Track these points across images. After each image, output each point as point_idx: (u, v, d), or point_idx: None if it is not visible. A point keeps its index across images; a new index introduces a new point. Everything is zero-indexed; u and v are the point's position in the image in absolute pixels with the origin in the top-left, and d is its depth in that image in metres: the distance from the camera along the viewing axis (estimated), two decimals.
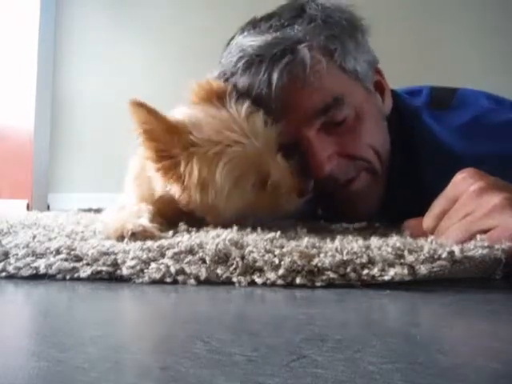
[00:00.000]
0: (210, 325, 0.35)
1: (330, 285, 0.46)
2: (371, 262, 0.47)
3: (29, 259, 0.52)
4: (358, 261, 0.47)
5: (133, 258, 0.50)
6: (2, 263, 0.52)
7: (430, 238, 0.52)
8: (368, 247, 0.50)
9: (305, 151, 0.75)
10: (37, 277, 0.51)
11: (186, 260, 0.50)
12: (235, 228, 0.61)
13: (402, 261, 0.47)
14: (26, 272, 0.51)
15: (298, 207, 0.74)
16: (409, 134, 0.83)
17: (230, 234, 0.56)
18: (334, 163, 0.76)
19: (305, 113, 0.74)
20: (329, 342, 0.30)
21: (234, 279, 0.48)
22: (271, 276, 0.47)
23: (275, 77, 0.72)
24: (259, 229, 0.62)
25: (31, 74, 2.03)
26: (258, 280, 0.47)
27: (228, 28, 0.85)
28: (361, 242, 0.53)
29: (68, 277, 0.50)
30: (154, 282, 0.48)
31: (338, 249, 0.49)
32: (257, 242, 0.53)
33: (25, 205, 1.94)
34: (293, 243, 0.52)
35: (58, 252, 0.53)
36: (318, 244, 0.52)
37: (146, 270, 0.49)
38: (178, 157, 0.67)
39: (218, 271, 0.49)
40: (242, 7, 0.89)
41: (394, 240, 0.52)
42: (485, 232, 0.49)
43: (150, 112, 0.65)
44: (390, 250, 0.48)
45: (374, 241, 0.53)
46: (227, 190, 0.67)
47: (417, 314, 0.41)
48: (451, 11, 2.52)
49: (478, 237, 0.49)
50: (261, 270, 0.48)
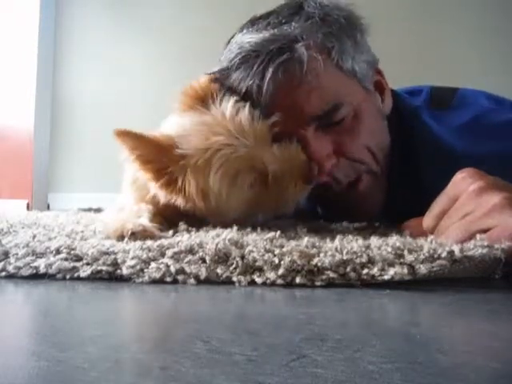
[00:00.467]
0: (210, 324, 0.35)
1: (329, 284, 0.46)
2: (371, 261, 0.47)
3: (29, 259, 0.52)
4: (357, 260, 0.47)
5: (133, 258, 0.51)
6: (2, 263, 0.52)
7: (430, 237, 0.52)
8: (368, 247, 0.50)
9: (303, 150, 0.74)
10: (37, 276, 0.51)
11: (185, 259, 0.50)
12: (235, 228, 0.61)
13: (401, 260, 0.47)
14: (25, 272, 0.51)
15: (307, 194, 0.73)
16: (409, 133, 0.83)
17: (229, 233, 0.56)
18: (334, 161, 0.76)
19: (302, 115, 0.74)
20: (329, 342, 0.30)
21: (234, 279, 0.48)
22: (271, 276, 0.47)
23: (270, 71, 0.72)
24: (259, 229, 0.62)
25: (31, 74, 2.03)
26: (258, 280, 0.47)
27: (228, 28, 0.85)
28: (361, 241, 0.53)
29: (68, 276, 0.50)
30: (153, 282, 0.48)
31: (337, 248, 0.49)
32: (257, 242, 0.53)
33: (25, 205, 1.94)
34: (293, 243, 0.52)
35: (57, 252, 0.53)
36: (317, 244, 0.52)
37: (145, 270, 0.49)
38: (173, 173, 0.67)
39: (218, 271, 0.49)
40: (242, 7, 0.89)
41: (394, 240, 0.52)
42: (484, 231, 0.49)
43: (137, 137, 0.66)
44: (389, 249, 0.48)
45: (374, 240, 0.53)
46: (225, 194, 0.67)
47: (417, 313, 0.41)
48: (451, 11, 2.52)
49: (478, 236, 0.49)
50: (261, 270, 0.48)
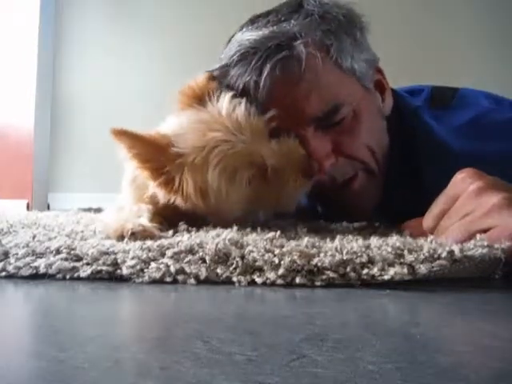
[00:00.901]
0: (210, 324, 0.35)
1: (329, 284, 0.46)
2: (371, 261, 0.47)
3: (29, 259, 0.52)
4: (357, 260, 0.47)
5: (133, 258, 0.51)
6: (2, 263, 0.52)
7: (430, 237, 0.52)
8: (368, 247, 0.50)
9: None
10: (37, 276, 0.51)
11: (185, 259, 0.50)
12: (235, 228, 0.61)
13: (401, 260, 0.47)
14: (25, 272, 0.51)
15: (308, 188, 0.73)
16: (409, 133, 0.83)
17: (229, 233, 0.56)
18: (332, 161, 0.76)
19: (302, 116, 0.74)
20: (329, 342, 0.30)
21: (234, 279, 0.48)
22: (271, 276, 0.47)
23: (267, 67, 0.72)
24: (259, 229, 0.62)
25: (31, 74, 2.03)
26: (258, 280, 0.47)
27: (230, 25, 0.85)
28: (361, 241, 0.53)
29: (68, 276, 0.50)
30: (153, 282, 0.48)
31: (337, 248, 0.49)
32: (257, 242, 0.53)
33: (25, 205, 1.94)
34: (293, 243, 0.52)
35: (57, 252, 0.53)
36: (317, 244, 0.52)
37: (145, 270, 0.49)
38: (170, 172, 0.67)
39: (218, 271, 0.49)
40: (243, 5, 0.89)
41: (394, 240, 0.52)
42: (484, 232, 0.49)
43: (133, 136, 0.66)
44: (389, 249, 0.48)
45: (374, 240, 0.53)
46: (225, 191, 0.67)
47: (416, 313, 0.41)
48: (451, 11, 2.52)
49: (478, 236, 0.49)
50: (261, 270, 0.48)
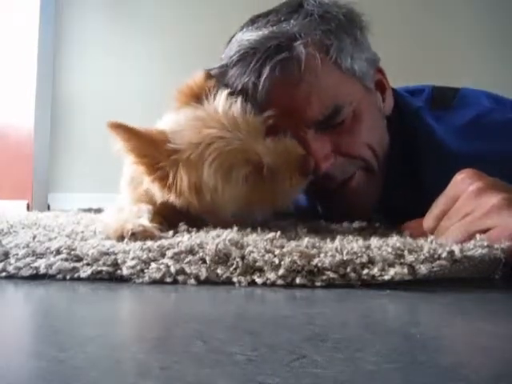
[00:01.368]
0: (210, 324, 0.35)
1: (329, 285, 0.46)
2: (371, 261, 0.47)
3: (29, 259, 0.52)
4: (357, 261, 0.47)
5: (133, 258, 0.51)
6: (2, 263, 0.52)
7: (430, 237, 0.52)
8: (368, 247, 0.50)
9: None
10: (37, 277, 0.51)
11: (186, 260, 0.50)
12: (235, 228, 0.61)
13: (401, 260, 0.47)
14: (26, 272, 0.51)
15: (305, 191, 0.73)
16: (410, 133, 0.83)
17: (230, 234, 0.56)
18: (331, 161, 0.75)
19: (301, 118, 0.74)
20: (329, 342, 0.30)
21: (234, 279, 0.48)
22: (271, 276, 0.47)
23: (267, 69, 0.72)
24: (259, 229, 0.62)
25: (31, 74, 2.03)
26: (258, 280, 0.47)
27: (230, 25, 0.85)
28: (361, 242, 0.53)
29: (68, 277, 0.50)
30: (154, 282, 0.48)
31: (338, 249, 0.49)
32: (257, 242, 0.53)
33: (25, 205, 1.94)
34: (293, 243, 0.52)
35: (58, 252, 0.53)
36: (318, 244, 0.52)
37: (146, 270, 0.49)
38: (164, 168, 0.67)
39: (218, 271, 0.49)
40: (244, 4, 0.89)
41: (394, 240, 0.52)
42: (484, 232, 0.49)
43: (130, 131, 0.66)
44: (389, 249, 0.49)
45: (374, 241, 0.53)
46: (220, 188, 0.67)
47: (416, 313, 0.41)
48: (451, 11, 2.52)
49: (478, 237, 0.49)
50: (261, 270, 0.48)
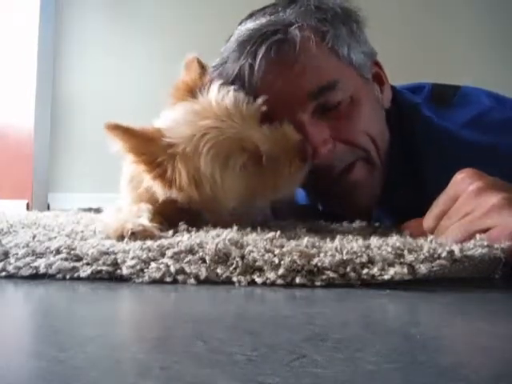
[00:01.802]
0: (210, 324, 0.35)
1: (329, 284, 0.46)
2: (371, 261, 0.47)
3: (29, 259, 0.52)
4: (357, 260, 0.47)
5: (133, 258, 0.50)
6: (2, 263, 0.52)
7: (430, 237, 0.52)
8: (368, 247, 0.50)
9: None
10: (37, 276, 0.51)
11: (185, 259, 0.50)
12: (235, 228, 0.61)
13: (401, 260, 0.47)
14: (25, 272, 0.51)
15: (304, 173, 0.72)
16: (409, 130, 0.83)
17: (229, 233, 0.56)
18: (329, 147, 0.75)
19: (297, 95, 0.74)
20: (329, 342, 0.30)
21: (234, 279, 0.48)
22: (271, 276, 0.47)
23: (262, 49, 0.72)
24: (259, 228, 0.62)
25: (31, 74, 2.03)
26: (258, 280, 0.47)
27: (229, 24, 0.85)
28: (361, 241, 0.53)
29: (68, 276, 0.50)
30: (153, 282, 0.48)
31: (337, 248, 0.49)
32: (257, 242, 0.53)
33: (25, 205, 1.94)
34: (293, 243, 0.52)
35: (57, 252, 0.53)
36: (317, 243, 0.52)
37: (145, 270, 0.49)
38: (163, 163, 0.67)
39: (218, 271, 0.49)
40: (243, 5, 0.89)
41: (394, 239, 0.52)
42: (484, 231, 0.49)
43: (127, 131, 0.66)
44: (389, 249, 0.48)
45: (374, 240, 0.53)
46: (219, 178, 0.67)
47: (416, 313, 0.41)
48: (451, 11, 2.52)
49: (478, 236, 0.49)
50: (261, 270, 0.48)
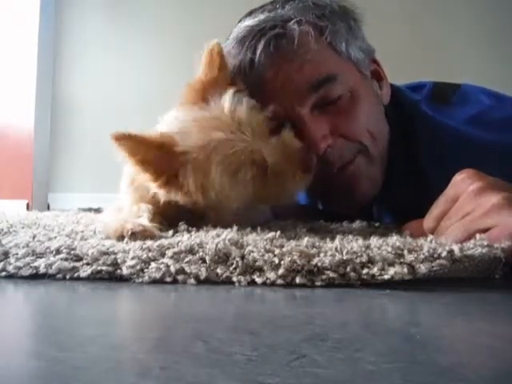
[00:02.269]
0: (210, 324, 0.35)
1: (329, 284, 0.46)
2: (371, 261, 0.47)
3: (29, 259, 0.52)
4: (357, 260, 0.47)
5: (133, 258, 0.50)
6: (2, 263, 0.52)
7: (430, 237, 0.52)
8: (368, 247, 0.50)
9: (299, 131, 0.74)
10: (37, 276, 0.51)
11: (185, 259, 0.50)
12: (235, 228, 0.61)
13: (401, 260, 0.47)
14: (25, 272, 0.51)
15: (307, 184, 0.73)
16: (408, 125, 0.83)
17: (229, 233, 0.56)
18: (329, 142, 0.75)
19: (296, 88, 0.74)
20: (329, 342, 0.30)
21: (234, 279, 0.48)
22: (271, 276, 0.47)
23: (261, 44, 0.73)
24: (259, 228, 0.62)
25: (31, 74, 2.03)
26: (258, 280, 0.47)
27: (229, 24, 0.86)
28: (360, 241, 0.53)
29: (68, 276, 0.50)
30: (153, 282, 0.48)
31: (337, 248, 0.49)
32: (257, 242, 0.53)
33: (25, 205, 1.94)
34: (293, 243, 0.52)
35: (57, 252, 0.53)
36: (317, 243, 0.52)
37: (145, 270, 0.49)
38: (172, 170, 0.67)
39: (218, 271, 0.49)
40: (243, 6, 0.89)
41: (394, 239, 0.52)
42: (484, 231, 0.49)
43: (135, 140, 0.65)
44: (389, 249, 0.48)
45: (374, 240, 0.53)
46: (227, 187, 0.67)
47: (416, 313, 0.41)
48: (451, 11, 2.52)
49: (478, 236, 0.49)
50: (261, 270, 0.48)
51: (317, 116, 0.75)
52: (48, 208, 2.10)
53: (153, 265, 0.49)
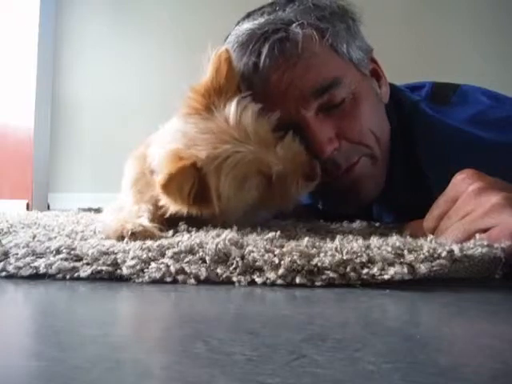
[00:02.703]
0: (210, 324, 0.35)
1: (329, 284, 0.46)
2: (371, 261, 0.47)
3: (29, 259, 0.52)
4: (357, 260, 0.47)
5: (133, 258, 0.51)
6: (2, 263, 0.52)
7: (430, 237, 0.52)
8: (368, 247, 0.50)
9: (304, 135, 0.74)
10: (37, 276, 0.51)
11: (185, 259, 0.50)
12: (235, 228, 0.61)
13: (401, 260, 0.47)
14: (25, 272, 0.51)
15: (310, 190, 0.73)
16: (408, 123, 0.84)
17: (229, 233, 0.56)
18: (335, 145, 0.75)
19: (301, 92, 0.74)
20: (329, 342, 0.30)
21: (234, 279, 0.48)
22: (271, 276, 0.47)
23: (266, 48, 0.73)
24: (259, 229, 0.62)
25: (31, 75, 2.03)
26: (258, 280, 0.47)
27: (229, 25, 0.86)
28: (361, 241, 0.53)
29: (68, 276, 0.50)
30: (153, 282, 0.48)
31: (337, 248, 0.49)
32: (257, 242, 0.53)
33: (25, 205, 1.94)
34: (293, 243, 0.52)
35: (58, 252, 0.53)
36: (317, 243, 0.52)
37: (145, 270, 0.49)
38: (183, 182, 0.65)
39: (218, 271, 0.49)
40: (243, 6, 0.89)
41: (394, 239, 0.52)
42: (484, 231, 0.49)
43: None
44: (389, 249, 0.48)
45: (374, 240, 0.53)
46: (233, 198, 0.68)
47: (416, 313, 0.41)
48: (451, 11, 2.52)
49: (478, 236, 0.49)
50: (261, 270, 0.48)
51: (322, 119, 0.75)
52: (48, 208, 2.10)
53: (153, 265, 0.50)
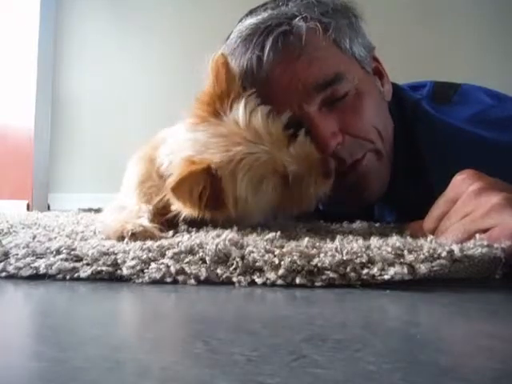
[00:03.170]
0: (210, 324, 0.35)
1: (329, 285, 0.46)
2: (371, 261, 0.47)
3: (29, 259, 0.52)
4: (357, 260, 0.47)
5: (133, 258, 0.51)
6: (2, 263, 0.52)
7: (430, 237, 0.52)
8: (368, 247, 0.50)
9: (308, 129, 0.73)
10: (37, 277, 0.51)
11: (186, 260, 0.50)
12: (235, 228, 0.61)
13: (401, 260, 0.47)
14: (26, 272, 0.51)
15: (328, 189, 0.72)
16: (410, 122, 0.84)
17: (230, 234, 0.56)
18: (339, 140, 0.75)
19: (304, 87, 0.74)
20: (329, 342, 0.30)
21: (234, 279, 0.48)
22: (271, 276, 0.47)
23: (269, 41, 0.73)
24: (259, 229, 0.62)
25: (31, 74, 2.03)
26: (258, 280, 0.47)
27: (230, 25, 0.86)
28: (361, 241, 0.53)
29: (68, 277, 0.50)
30: (154, 282, 0.48)
31: (337, 249, 0.49)
32: (257, 242, 0.53)
33: (25, 205, 1.94)
34: (293, 243, 0.52)
35: (58, 252, 0.53)
36: (317, 244, 0.52)
37: (146, 270, 0.49)
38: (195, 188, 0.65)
39: (218, 271, 0.49)
40: (243, 6, 0.89)
41: (394, 240, 0.52)
42: (484, 231, 0.49)
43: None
44: (389, 249, 0.48)
45: (374, 240, 0.53)
46: (251, 200, 0.67)
47: (416, 313, 0.41)
48: (451, 11, 2.52)
49: (478, 236, 0.49)
50: (261, 270, 0.48)
51: (325, 113, 0.75)
52: (48, 208, 2.10)
53: (153, 265, 0.50)
